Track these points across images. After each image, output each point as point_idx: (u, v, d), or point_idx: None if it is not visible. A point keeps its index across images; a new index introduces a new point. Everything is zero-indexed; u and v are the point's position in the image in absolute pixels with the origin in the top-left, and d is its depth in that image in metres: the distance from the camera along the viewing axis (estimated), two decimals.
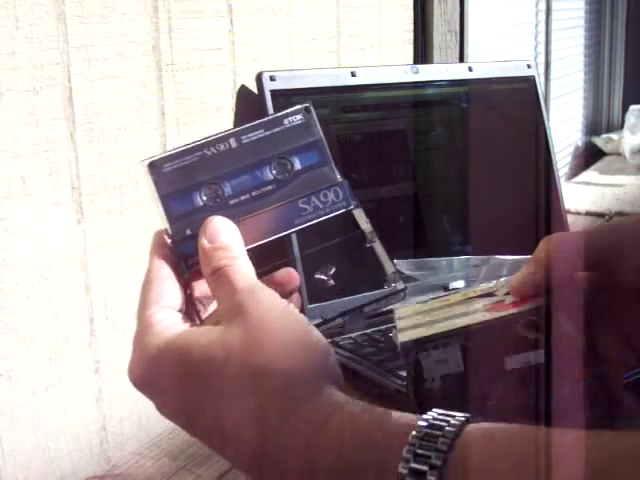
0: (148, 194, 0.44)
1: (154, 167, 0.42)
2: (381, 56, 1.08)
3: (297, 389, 0.37)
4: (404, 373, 0.65)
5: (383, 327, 0.82)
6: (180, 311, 0.43)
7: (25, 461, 0.63)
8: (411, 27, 1.16)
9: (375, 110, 0.93)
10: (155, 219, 0.73)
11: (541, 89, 1.09)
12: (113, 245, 0.69)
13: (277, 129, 0.44)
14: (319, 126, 0.45)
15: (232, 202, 0.42)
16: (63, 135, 0.64)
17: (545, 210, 1.01)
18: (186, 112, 0.76)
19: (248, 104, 0.84)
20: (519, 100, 1.06)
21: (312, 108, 0.45)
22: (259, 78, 0.83)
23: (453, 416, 0.34)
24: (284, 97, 0.84)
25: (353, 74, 0.91)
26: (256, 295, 0.39)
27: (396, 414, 0.36)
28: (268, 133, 0.44)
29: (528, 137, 1.01)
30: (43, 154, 0.62)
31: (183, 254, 0.42)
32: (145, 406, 0.72)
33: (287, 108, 0.45)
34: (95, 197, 0.67)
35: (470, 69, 1.02)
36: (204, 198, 0.42)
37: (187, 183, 0.42)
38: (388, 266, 0.46)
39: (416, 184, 0.95)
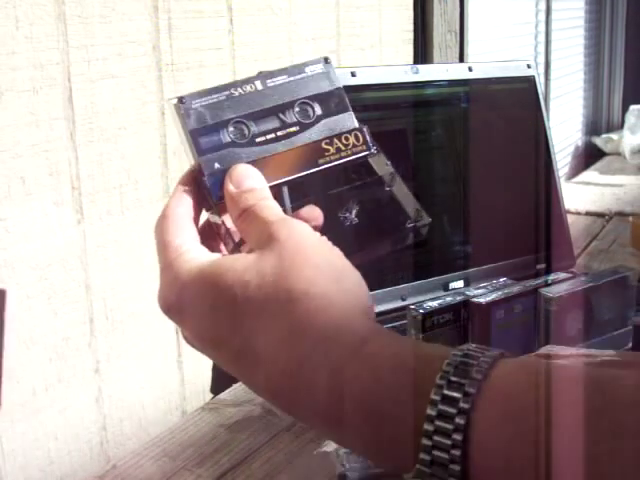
0: (176, 132, 0.44)
1: (183, 102, 0.43)
2: (381, 56, 1.08)
3: (332, 312, 0.37)
4: None
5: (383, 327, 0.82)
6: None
7: (25, 461, 0.63)
8: (411, 27, 1.16)
9: (375, 110, 0.93)
10: (154, 219, 0.73)
11: (541, 89, 1.09)
12: (113, 245, 0.69)
13: (299, 76, 0.46)
14: (337, 76, 0.47)
15: (258, 140, 0.44)
16: (63, 135, 0.64)
17: (545, 210, 1.01)
18: None
19: None
20: (519, 100, 1.06)
21: (331, 60, 0.47)
22: None
23: (488, 349, 0.34)
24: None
25: (353, 74, 0.91)
26: (289, 224, 0.39)
27: (431, 344, 0.36)
28: (292, 79, 0.46)
29: (528, 137, 1.01)
30: (43, 154, 0.62)
31: (213, 187, 0.42)
32: (145, 406, 0.72)
33: None
34: (95, 197, 0.67)
35: (470, 69, 1.02)
36: (232, 135, 0.43)
37: (214, 120, 0.43)
38: (410, 203, 0.47)
39: (416, 184, 0.95)
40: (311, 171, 0.44)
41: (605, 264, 1.02)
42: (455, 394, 0.32)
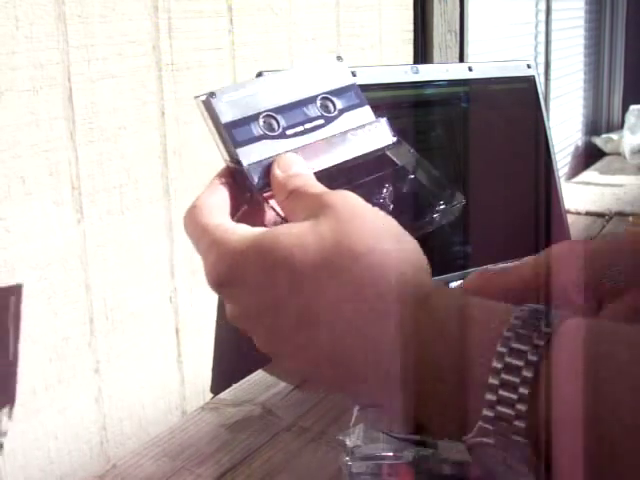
0: (205, 127, 0.45)
1: (215, 96, 0.44)
2: (381, 56, 1.08)
3: (396, 267, 0.36)
4: None
5: None
6: None
7: (25, 461, 0.63)
8: (411, 27, 1.16)
9: (375, 110, 0.93)
10: (155, 219, 0.74)
11: (541, 89, 1.09)
12: (113, 245, 0.69)
13: (317, 72, 0.48)
14: (350, 73, 0.49)
15: (289, 132, 0.45)
16: (63, 135, 0.64)
17: (545, 210, 1.01)
18: (186, 112, 0.76)
19: None
20: (519, 100, 1.06)
21: (342, 58, 0.49)
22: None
23: (552, 307, 0.34)
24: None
25: (353, 74, 0.90)
26: (342, 194, 0.39)
27: (492, 302, 0.35)
28: (310, 75, 0.48)
29: (528, 137, 1.01)
30: (43, 154, 0.62)
31: (253, 176, 0.43)
32: (145, 406, 0.72)
33: None
34: (95, 197, 0.67)
35: (470, 69, 1.02)
36: (263, 128, 0.44)
37: (245, 114, 0.44)
38: (441, 186, 0.48)
39: None
40: (343, 160, 0.45)
41: None
42: (523, 346, 0.31)
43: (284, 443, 0.65)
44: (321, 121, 0.46)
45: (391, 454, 0.55)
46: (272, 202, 0.43)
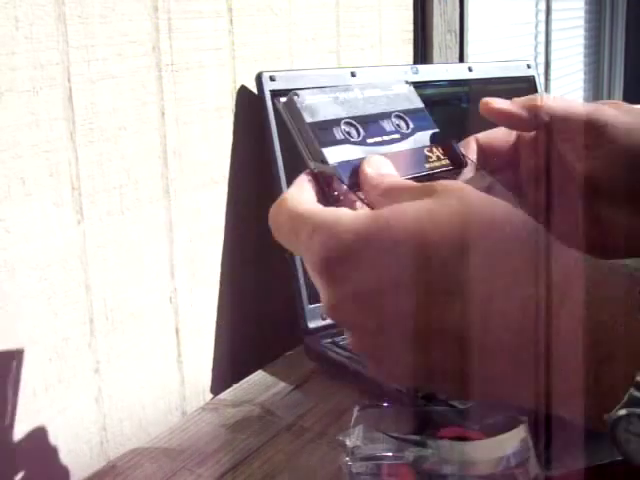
0: (287, 127, 0.45)
1: (299, 96, 0.45)
2: (381, 56, 1.08)
3: (542, 238, 0.35)
4: None
5: None
6: None
7: (25, 461, 0.63)
8: (411, 27, 1.16)
9: None
10: (155, 219, 0.74)
11: (541, 89, 1.09)
12: (113, 245, 0.69)
13: (389, 92, 0.49)
14: (418, 97, 0.50)
15: (369, 141, 0.45)
16: (63, 135, 0.64)
17: None
18: (186, 112, 0.76)
19: (248, 104, 0.84)
20: None
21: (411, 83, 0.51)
22: (259, 78, 0.83)
23: None
24: (284, 97, 0.84)
25: (353, 74, 0.91)
26: (449, 181, 0.38)
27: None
28: (384, 93, 0.49)
29: None
30: (43, 154, 0.62)
31: (341, 175, 0.43)
32: (145, 406, 0.72)
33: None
34: (95, 197, 0.67)
35: (470, 69, 1.02)
36: (345, 133, 0.45)
37: (327, 117, 0.45)
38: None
39: None
40: (422, 173, 0.45)
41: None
42: None
43: (284, 443, 0.65)
44: (397, 135, 0.47)
45: (391, 454, 0.55)
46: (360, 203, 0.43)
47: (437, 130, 0.49)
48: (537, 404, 0.35)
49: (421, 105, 0.50)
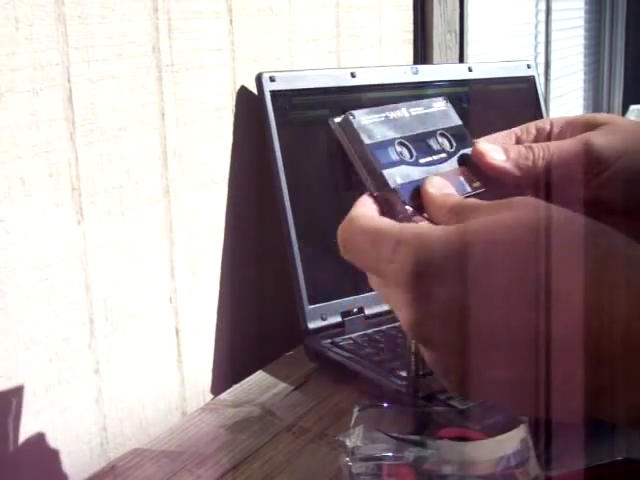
0: (343, 147, 0.45)
1: (355, 117, 0.45)
2: (381, 56, 1.08)
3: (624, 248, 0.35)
4: (404, 373, 0.66)
5: (384, 327, 0.82)
6: None
7: (25, 462, 0.63)
8: (411, 27, 1.16)
9: None
10: (155, 220, 0.74)
11: (541, 89, 1.09)
12: (113, 246, 0.69)
13: (430, 110, 0.49)
14: (455, 113, 0.51)
15: (421, 161, 0.46)
16: (63, 136, 0.64)
17: None
18: (186, 113, 0.76)
19: (248, 105, 0.84)
20: (519, 100, 1.06)
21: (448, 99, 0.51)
22: (259, 79, 0.83)
23: None
24: (284, 98, 0.84)
25: (353, 75, 0.91)
26: (521, 197, 0.38)
27: None
28: (427, 111, 0.49)
29: None
30: (43, 155, 0.62)
31: (404, 197, 0.43)
32: (145, 407, 0.72)
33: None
34: (95, 198, 0.67)
35: (470, 69, 1.02)
36: (399, 154, 0.45)
37: (382, 138, 0.45)
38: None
39: None
40: (471, 193, 0.46)
41: None
42: None
43: (284, 444, 0.65)
44: (444, 155, 0.47)
45: (391, 455, 0.55)
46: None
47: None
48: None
49: (460, 122, 0.50)
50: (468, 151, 0.49)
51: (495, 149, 0.48)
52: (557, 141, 0.49)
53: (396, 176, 0.44)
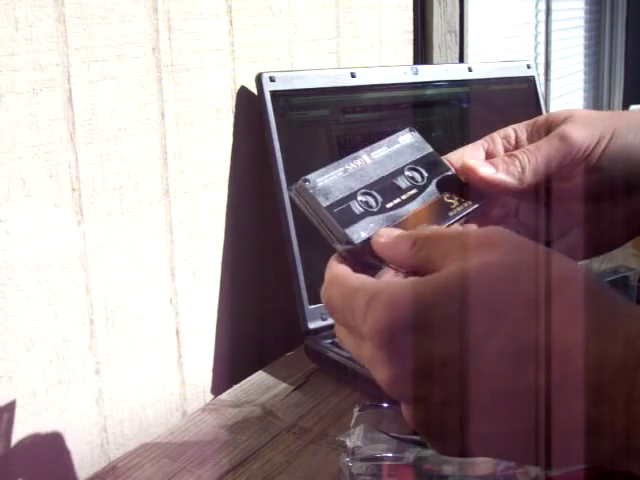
0: (304, 213, 0.44)
1: (310, 182, 0.44)
2: (381, 57, 1.08)
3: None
4: None
5: None
6: None
7: (26, 462, 0.63)
8: (411, 27, 1.17)
9: (375, 111, 0.93)
10: (155, 220, 0.74)
11: (541, 89, 1.09)
12: (113, 246, 0.69)
13: (395, 147, 0.49)
14: (425, 141, 0.51)
15: (388, 206, 0.45)
16: (63, 136, 0.64)
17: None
18: (186, 113, 0.76)
19: (248, 105, 0.84)
20: (519, 100, 1.06)
21: (415, 129, 0.51)
22: (259, 79, 0.83)
23: None
24: (284, 98, 0.84)
25: (353, 75, 0.91)
26: (489, 229, 0.37)
27: None
28: (391, 149, 0.49)
29: None
30: (43, 155, 0.62)
31: (370, 254, 0.43)
32: (145, 407, 0.72)
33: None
34: (95, 198, 0.67)
35: (470, 69, 1.02)
36: (363, 205, 0.45)
37: (342, 194, 0.45)
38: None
39: None
40: (447, 223, 0.46)
41: (606, 264, 1.02)
42: None
43: (284, 444, 0.65)
44: (414, 191, 0.47)
45: (391, 455, 0.55)
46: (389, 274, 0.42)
47: (452, 171, 0.49)
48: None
49: (430, 149, 0.50)
50: (448, 173, 0.49)
51: (481, 163, 0.48)
52: (534, 143, 0.49)
53: (360, 231, 0.43)
